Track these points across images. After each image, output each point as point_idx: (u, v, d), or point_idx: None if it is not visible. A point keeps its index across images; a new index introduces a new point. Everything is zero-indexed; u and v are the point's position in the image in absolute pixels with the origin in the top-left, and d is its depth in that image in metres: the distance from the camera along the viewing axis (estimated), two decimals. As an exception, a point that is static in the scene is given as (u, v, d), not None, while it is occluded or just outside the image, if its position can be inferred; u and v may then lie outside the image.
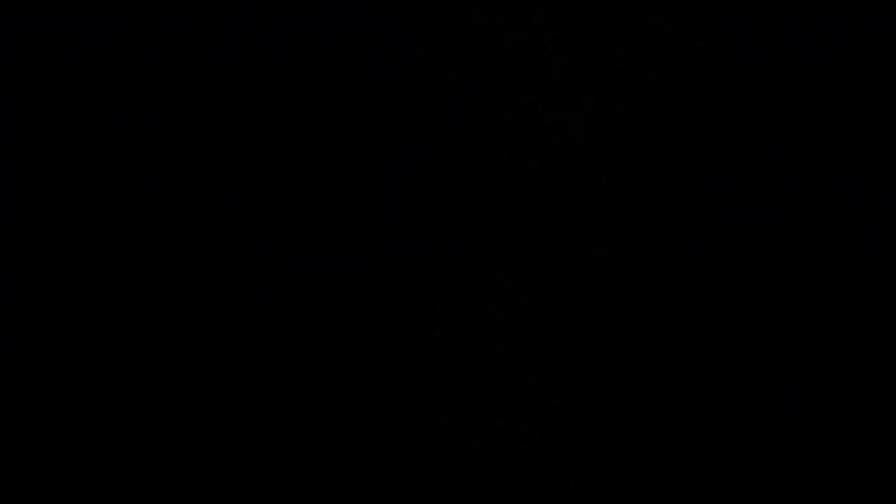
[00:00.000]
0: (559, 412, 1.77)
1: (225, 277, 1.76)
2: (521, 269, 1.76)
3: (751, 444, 1.80)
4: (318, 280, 1.78)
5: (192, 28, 1.71)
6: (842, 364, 1.81)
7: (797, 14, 1.84)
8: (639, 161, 1.84)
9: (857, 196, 1.82)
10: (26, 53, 1.71)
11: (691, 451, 1.79)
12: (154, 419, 1.77)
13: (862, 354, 1.81)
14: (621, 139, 1.84)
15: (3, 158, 1.73)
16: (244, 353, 1.76)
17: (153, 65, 1.72)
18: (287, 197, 1.77)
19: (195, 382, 1.77)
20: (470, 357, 1.77)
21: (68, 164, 1.74)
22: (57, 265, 1.78)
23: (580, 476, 1.77)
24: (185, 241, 1.76)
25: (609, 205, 1.81)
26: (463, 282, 1.77)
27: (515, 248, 1.76)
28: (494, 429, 1.77)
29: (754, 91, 1.87)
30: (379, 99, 1.77)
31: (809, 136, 1.83)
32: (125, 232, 1.77)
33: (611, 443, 1.78)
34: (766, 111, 1.86)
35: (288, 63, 1.74)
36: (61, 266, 1.78)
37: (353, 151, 1.76)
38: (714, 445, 1.80)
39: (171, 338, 1.77)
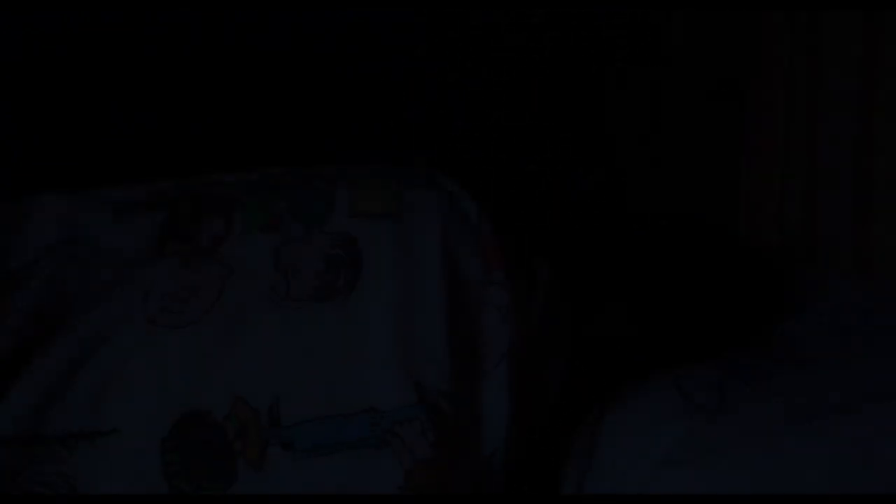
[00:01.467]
0: None
1: None
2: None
3: None
4: None
5: (192, 28, 1.72)
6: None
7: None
8: (638, 161, 1.85)
9: None
10: (26, 53, 1.71)
11: None
12: None
13: None
14: (621, 139, 1.85)
15: (2, 158, 1.73)
16: None
17: (153, 65, 1.72)
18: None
19: None
20: None
21: (68, 164, 1.74)
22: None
23: None
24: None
25: (608, 204, 1.81)
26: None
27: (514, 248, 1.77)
28: None
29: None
30: (379, 99, 1.77)
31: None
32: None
33: None
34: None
35: (288, 63, 1.75)
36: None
37: (353, 151, 1.76)
38: None
39: None
